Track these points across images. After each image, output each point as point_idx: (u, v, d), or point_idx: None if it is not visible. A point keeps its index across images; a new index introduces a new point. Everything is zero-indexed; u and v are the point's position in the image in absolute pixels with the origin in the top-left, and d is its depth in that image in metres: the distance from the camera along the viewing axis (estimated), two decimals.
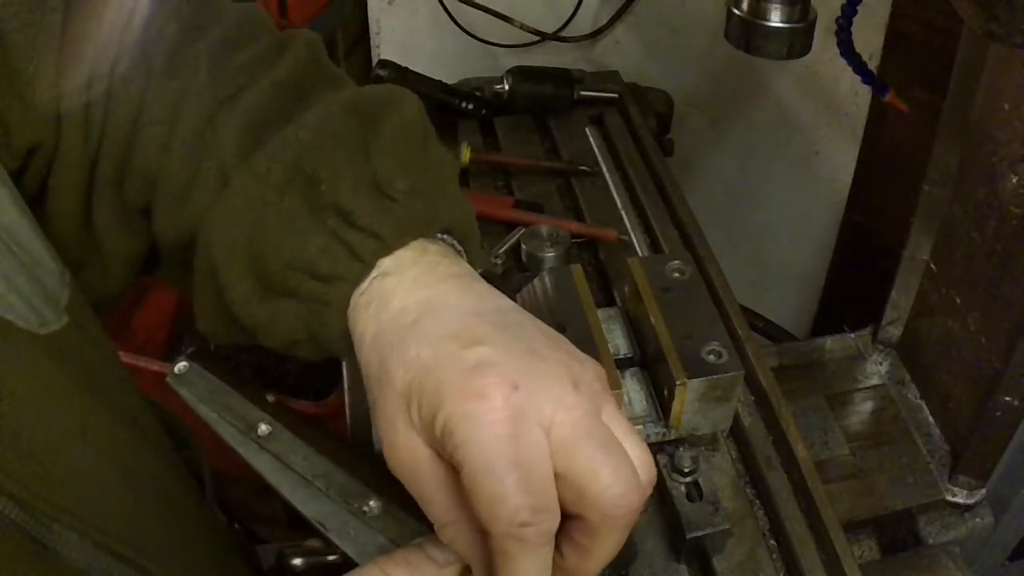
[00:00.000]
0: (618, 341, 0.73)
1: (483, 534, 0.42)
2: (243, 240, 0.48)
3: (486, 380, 0.41)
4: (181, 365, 0.53)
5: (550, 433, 0.41)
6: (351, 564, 0.49)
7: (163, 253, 0.56)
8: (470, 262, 0.52)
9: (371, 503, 0.49)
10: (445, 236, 0.51)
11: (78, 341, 0.49)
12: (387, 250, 0.47)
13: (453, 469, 0.42)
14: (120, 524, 0.48)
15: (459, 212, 0.52)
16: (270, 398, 0.53)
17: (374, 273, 0.47)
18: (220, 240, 0.49)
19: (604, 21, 1.47)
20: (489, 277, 0.94)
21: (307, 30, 0.56)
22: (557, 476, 0.41)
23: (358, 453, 0.52)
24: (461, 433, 0.40)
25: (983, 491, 0.91)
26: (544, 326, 0.47)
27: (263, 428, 0.51)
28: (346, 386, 0.82)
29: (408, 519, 0.49)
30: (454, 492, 0.43)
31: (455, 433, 0.40)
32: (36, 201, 0.52)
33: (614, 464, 0.41)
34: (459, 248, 0.52)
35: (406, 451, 0.43)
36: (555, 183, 1.07)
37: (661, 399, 0.68)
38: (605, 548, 0.43)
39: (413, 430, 0.43)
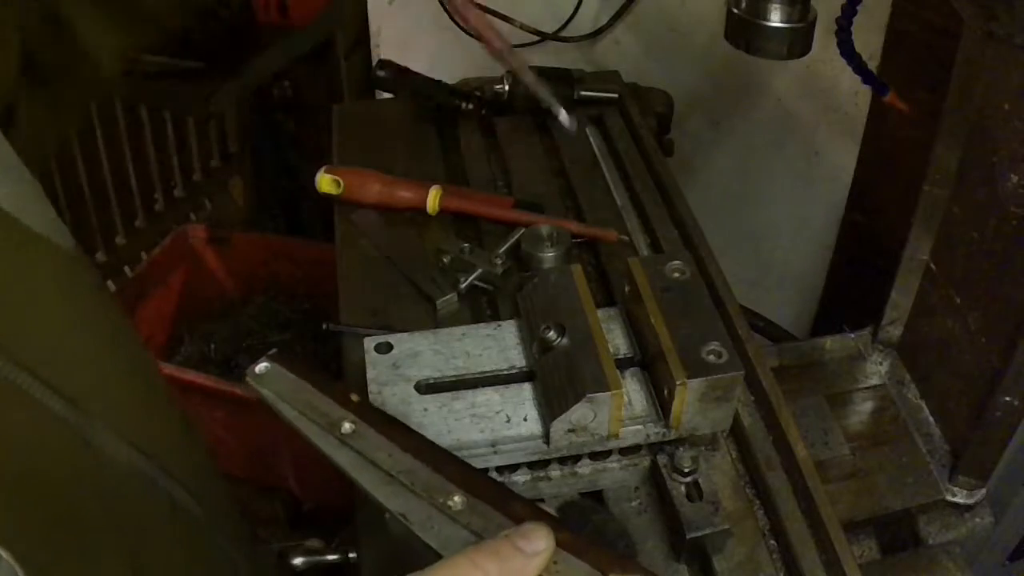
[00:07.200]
0: (618, 341, 0.72)
1: None
2: None
3: None
4: (262, 366, 0.54)
5: None
6: (351, 565, 0.49)
7: None
8: None
9: (455, 498, 0.49)
10: None
11: (89, 268, 0.55)
12: None
13: None
14: (150, 434, 0.53)
15: None
16: (354, 397, 0.53)
17: None
18: None
19: (604, 21, 1.47)
20: (488, 278, 0.94)
21: None
22: None
23: (442, 451, 0.52)
24: None
25: (983, 491, 0.91)
26: None
27: (347, 427, 0.52)
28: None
29: (494, 514, 0.48)
30: None
31: None
32: None
33: None
34: None
35: None
36: (555, 183, 1.07)
37: (661, 399, 0.68)
38: None
39: None
